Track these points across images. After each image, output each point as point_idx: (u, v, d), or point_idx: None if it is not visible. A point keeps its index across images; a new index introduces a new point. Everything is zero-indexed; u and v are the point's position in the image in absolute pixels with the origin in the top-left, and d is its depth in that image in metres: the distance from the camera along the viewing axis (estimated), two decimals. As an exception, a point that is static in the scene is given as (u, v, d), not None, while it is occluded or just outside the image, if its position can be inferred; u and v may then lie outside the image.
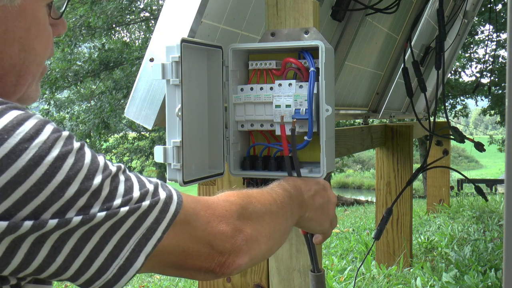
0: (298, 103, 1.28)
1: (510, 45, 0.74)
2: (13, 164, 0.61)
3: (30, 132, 0.64)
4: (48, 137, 0.65)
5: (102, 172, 0.69)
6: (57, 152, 0.65)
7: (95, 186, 0.67)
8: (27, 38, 0.77)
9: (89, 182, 0.67)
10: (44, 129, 0.65)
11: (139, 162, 20.20)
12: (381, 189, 3.74)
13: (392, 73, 3.80)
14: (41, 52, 0.80)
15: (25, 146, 0.62)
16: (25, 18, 0.76)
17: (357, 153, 15.47)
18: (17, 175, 0.61)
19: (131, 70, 12.98)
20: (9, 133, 0.62)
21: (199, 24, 1.44)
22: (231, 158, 1.35)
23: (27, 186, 0.62)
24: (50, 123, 0.67)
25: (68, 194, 0.64)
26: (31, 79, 0.80)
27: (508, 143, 0.73)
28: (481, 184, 6.76)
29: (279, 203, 0.99)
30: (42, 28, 0.79)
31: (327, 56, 1.26)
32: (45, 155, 0.63)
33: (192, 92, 1.24)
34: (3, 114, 0.64)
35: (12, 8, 0.73)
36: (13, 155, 0.61)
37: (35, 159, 0.62)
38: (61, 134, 0.67)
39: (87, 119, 14.38)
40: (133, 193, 0.72)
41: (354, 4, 2.56)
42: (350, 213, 8.14)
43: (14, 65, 0.76)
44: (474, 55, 14.14)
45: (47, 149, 0.64)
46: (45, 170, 0.63)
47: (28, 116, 0.65)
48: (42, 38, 0.79)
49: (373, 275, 3.52)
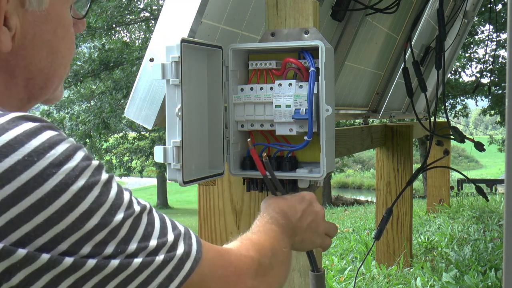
0: (298, 103, 1.28)
1: (510, 45, 0.74)
2: (39, 188, 0.60)
3: (60, 157, 0.63)
4: (77, 164, 0.64)
5: (125, 209, 0.68)
6: (83, 182, 0.64)
7: (115, 223, 0.66)
8: (55, 41, 0.77)
9: (110, 218, 0.65)
10: (75, 156, 0.65)
11: (139, 162, 20.20)
12: (381, 189, 3.74)
13: (392, 73, 3.80)
14: (67, 54, 0.80)
15: (53, 171, 0.62)
16: (52, 21, 0.76)
17: (357, 153, 15.47)
18: (41, 199, 0.60)
19: (131, 70, 12.98)
20: (40, 155, 0.62)
21: (199, 24, 1.44)
22: (231, 158, 1.35)
23: (50, 212, 0.61)
24: (81, 150, 0.67)
25: (88, 226, 0.63)
26: (58, 82, 0.81)
27: (508, 143, 0.73)
28: (481, 184, 6.76)
29: (282, 246, 0.99)
30: (67, 30, 0.80)
31: (327, 56, 1.26)
32: (71, 184, 0.63)
33: (192, 92, 1.24)
34: (37, 134, 0.63)
35: (40, 12, 0.74)
36: (40, 178, 0.61)
37: (61, 186, 0.62)
38: (91, 163, 0.66)
39: (87, 119, 14.37)
40: (150, 241, 0.70)
41: (354, 4, 2.56)
42: (350, 213, 8.14)
43: (42, 68, 0.77)
44: (474, 55, 14.14)
45: (74, 177, 0.63)
46: (69, 199, 0.62)
47: (60, 140, 0.65)
48: (67, 39, 0.80)
49: (373, 275, 3.52)
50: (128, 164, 19.55)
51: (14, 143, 0.61)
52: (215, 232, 1.64)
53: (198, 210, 1.67)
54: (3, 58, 0.72)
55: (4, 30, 0.70)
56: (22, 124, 0.63)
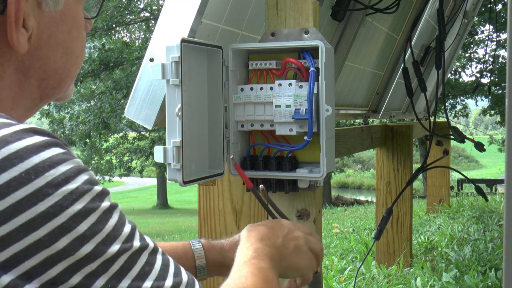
0: (298, 103, 1.28)
1: (510, 45, 0.74)
2: (32, 207, 0.58)
3: (59, 178, 0.60)
4: (77, 187, 0.61)
5: (122, 242, 0.64)
6: (80, 207, 0.61)
7: (108, 255, 0.62)
8: (69, 41, 0.77)
9: (105, 248, 0.62)
10: (76, 178, 0.62)
11: (139, 162, 20.21)
12: (381, 189, 3.74)
13: (392, 73, 3.80)
14: (80, 54, 0.80)
15: (49, 191, 0.59)
16: (67, 21, 0.76)
17: (357, 153, 15.47)
18: (33, 219, 0.58)
19: (131, 70, 12.99)
20: (38, 174, 0.59)
21: (199, 24, 1.44)
22: (229, 157, 1.34)
23: (40, 234, 0.58)
24: (86, 173, 0.64)
25: (80, 254, 0.60)
26: (71, 81, 0.81)
27: (508, 143, 0.73)
28: (481, 184, 6.76)
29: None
30: (81, 30, 0.80)
31: (327, 56, 1.26)
32: (67, 207, 0.60)
33: (192, 92, 1.24)
34: (40, 151, 0.61)
35: (55, 13, 0.74)
36: (34, 198, 0.58)
37: (55, 208, 0.59)
38: (92, 188, 0.63)
39: (87, 119, 14.38)
40: (144, 281, 0.64)
41: (354, 4, 2.56)
42: (350, 213, 8.14)
43: (57, 69, 0.76)
44: (474, 55, 14.14)
45: (71, 201, 0.60)
46: (62, 223, 0.59)
47: (64, 159, 0.62)
48: (80, 39, 0.80)
49: (373, 275, 3.52)
50: (128, 164, 19.57)
51: (13, 158, 0.59)
52: (215, 232, 1.64)
53: (198, 210, 1.67)
54: (19, 59, 0.72)
55: (23, 31, 0.70)
56: (26, 139, 0.61)
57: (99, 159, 19.16)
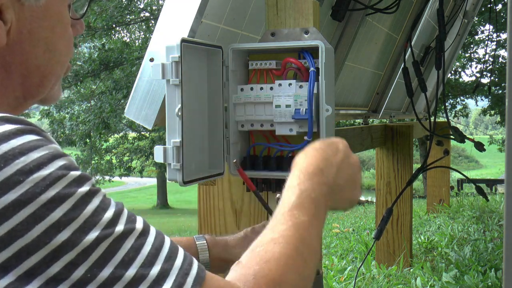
0: (298, 103, 1.28)
1: (510, 45, 0.74)
2: (2, 196, 0.56)
3: (30, 165, 0.58)
4: (50, 173, 0.59)
5: (102, 228, 0.60)
6: (53, 193, 0.58)
7: (87, 242, 0.59)
8: (52, 38, 0.75)
9: (82, 235, 0.58)
10: (49, 164, 0.59)
11: (139, 162, 20.22)
12: (381, 189, 3.74)
13: (392, 73, 3.80)
14: (64, 53, 0.79)
15: (20, 179, 0.57)
16: (50, 18, 0.75)
17: (357, 153, 15.44)
18: (4, 208, 0.56)
19: (131, 70, 12.99)
20: (8, 162, 0.57)
21: (199, 24, 1.44)
22: (231, 158, 1.34)
23: (13, 224, 0.56)
24: (62, 158, 0.61)
25: (55, 242, 0.57)
26: (55, 80, 0.79)
27: (508, 143, 0.73)
28: (481, 184, 6.76)
29: (312, 243, 0.77)
30: (65, 28, 0.78)
31: (327, 56, 1.26)
32: (39, 194, 0.57)
33: (192, 92, 1.24)
34: (10, 138, 0.59)
35: (37, 8, 0.73)
36: (5, 186, 0.56)
37: (27, 195, 0.57)
38: (68, 174, 0.60)
39: (87, 119, 14.38)
40: (128, 269, 0.60)
41: (354, 4, 2.56)
42: (350, 213, 8.13)
43: (39, 66, 0.75)
44: (474, 55, 14.14)
45: (44, 187, 0.58)
46: (35, 210, 0.57)
47: (36, 146, 0.60)
48: (65, 38, 0.78)
49: (373, 275, 3.52)
50: (128, 164, 19.57)
51: None
52: (215, 232, 1.64)
53: (198, 210, 1.67)
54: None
55: (0, 23, 0.69)
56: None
57: (99, 159, 19.17)
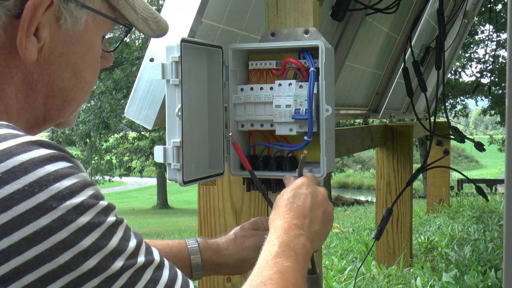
0: (298, 103, 1.28)
1: (510, 45, 0.74)
2: (34, 221, 0.57)
3: (63, 192, 0.59)
4: (82, 202, 0.60)
5: (126, 258, 0.62)
6: (84, 221, 0.59)
7: (111, 271, 0.60)
8: (81, 65, 0.76)
9: (108, 264, 0.60)
10: (81, 193, 0.60)
11: (139, 162, 20.22)
12: (381, 189, 3.74)
13: (392, 73, 3.80)
14: (90, 81, 0.79)
15: (53, 205, 0.58)
16: (83, 45, 0.76)
17: (357, 153, 15.47)
18: (35, 233, 0.56)
19: (131, 70, 12.99)
20: (42, 187, 0.58)
21: (199, 24, 1.44)
22: (231, 158, 1.34)
23: (42, 249, 0.57)
24: (91, 187, 0.62)
25: (82, 269, 0.58)
26: (76, 106, 0.80)
27: (508, 143, 0.73)
28: (481, 184, 6.76)
29: None
30: (95, 58, 0.79)
31: (327, 56, 1.26)
32: (71, 221, 0.58)
33: (192, 92, 1.24)
34: (45, 164, 0.59)
35: (73, 33, 0.74)
36: (37, 211, 0.57)
37: (59, 222, 0.58)
38: (97, 203, 0.62)
39: (87, 119, 14.38)
40: None
41: (354, 4, 2.56)
42: (350, 213, 8.14)
43: (64, 89, 0.75)
44: (474, 55, 14.15)
45: (75, 215, 0.59)
46: (65, 237, 0.58)
47: (70, 173, 0.61)
48: (93, 67, 0.79)
49: (373, 275, 3.52)
50: (128, 164, 19.58)
51: (17, 171, 0.57)
52: (215, 232, 1.64)
53: (198, 210, 1.67)
54: (28, 69, 0.72)
55: (33, 39, 0.70)
56: (32, 151, 0.60)
57: (99, 159, 19.18)
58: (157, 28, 0.88)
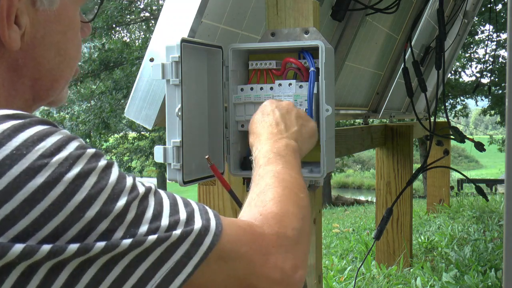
0: (298, 103, 1.28)
1: (510, 45, 0.74)
2: (31, 181, 0.58)
3: (51, 148, 0.61)
4: (70, 153, 0.62)
5: (128, 193, 0.65)
6: (78, 170, 0.61)
7: (119, 208, 0.63)
8: (64, 42, 0.77)
9: (113, 203, 0.63)
10: (67, 146, 0.62)
11: (139, 162, 20.21)
12: (381, 189, 3.74)
13: (392, 73, 3.80)
14: (74, 56, 0.80)
15: (45, 162, 0.59)
16: (62, 22, 0.76)
17: (357, 153, 15.48)
18: (35, 192, 0.58)
19: (131, 70, 12.99)
20: (29, 148, 0.59)
21: (199, 24, 1.44)
22: (231, 158, 1.34)
23: (45, 205, 0.58)
24: (76, 140, 0.64)
25: (89, 215, 0.60)
26: (64, 83, 0.80)
27: (508, 143, 0.73)
28: (481, 184, 6.76)
29: (301, 191, 0.93)
30: (76, 32, 0.79)
31: (327, 56, 1.26)
32: (65, 172, 0.60)
33: (192, 92, 1.24)
34: (26, 128, 0.61)
35: (50, 12, 0.73)
36: (31, 171, 0.58)
37: (54, 176, 0.59)
38: (85, 152, 0.63)
39: (87, 119, 14.39)
40: (161, 220, 0.66)
41: (354, 4, 2.56)
42: (350, 213, 8.14)
43: (50, 69, 0.76)
44: (474, 55, 14.15)
45: (68, 166, 0.61)
46: (64, 188, 0.60)
47: (51, 132, 0.63)
48: (75, 41, 0.79)
49: (373, 275, 3.52)
50: (128, 164, 19.56)
51: (1, 139, 0.59)
52: (215, 232, 1.64)
53: (198, 210, 1.67)
54: (12, 57, 0.72)
55: (15, 28, 0.70)
56: (10, 121, 0.61)
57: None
58: None
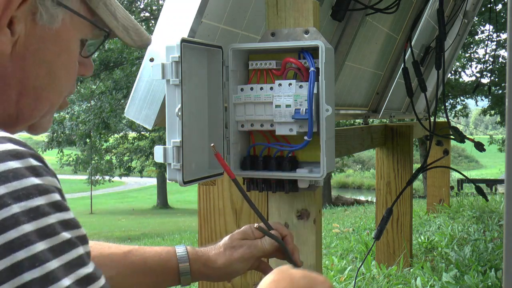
0: (298, 103, 1.28)
1: (510, 45, 0.74)
2: None
3: (20, 192, 0.57)
4: (38, 206, 0.58)
5: None
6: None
7: None
8: (56, 64, 0.76)
9: None
10: (39, 197, 0.58)
11: (139, 162, 20.21)
12: (381, 189, 3.74)
13: (392, 73, 3.80)
14: (64, 83, 0.78)
15: (8, 202, 0.56)
16: (59, 44, 0.75)
17: (357, 153, 15.48)
18: None
19: (131, 70, 13.00)
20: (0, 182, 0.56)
21: (199, 24, 1.44)
22: (231, 158, 1.35)
23: None
24: (53, 194, 0.60)
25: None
26: (49, 108, 0.78)
27: (508, 143, 0.73)
28: (481, 184, 6.76)
29: None
30: (72, 59, 0.78)
31: (327, 56, 1.26)
32: (23, 222, 0.56)
33: (192, 92, 1.24)
34: (10, 160, 0.58)
35: (49, 30, 0.73)
36: None
37: (11, 221, 0.55)
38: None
39: (87, 119, 14.39)
40: None
41: (354, 4, 2.56)
42: (350, 213, 8.14)
43: (37, 87, 0.75)
44: (474, 55, 14.15)
45: (28, 219, 0.56)
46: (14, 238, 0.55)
47: (38, 174, 0.60)
48: (68, 69, 0.78)
49: (373, 275, 3.52)
50: (128, 164, 19.57)
51: None
52: (215, 232, 1.64)
53: (198, 210, 1.67)
54: (1, 63, 0.71)
55: (6, 31, 0.69)
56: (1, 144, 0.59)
57: (99, 159, 19.18)
58: (138, 38, 0.86)
